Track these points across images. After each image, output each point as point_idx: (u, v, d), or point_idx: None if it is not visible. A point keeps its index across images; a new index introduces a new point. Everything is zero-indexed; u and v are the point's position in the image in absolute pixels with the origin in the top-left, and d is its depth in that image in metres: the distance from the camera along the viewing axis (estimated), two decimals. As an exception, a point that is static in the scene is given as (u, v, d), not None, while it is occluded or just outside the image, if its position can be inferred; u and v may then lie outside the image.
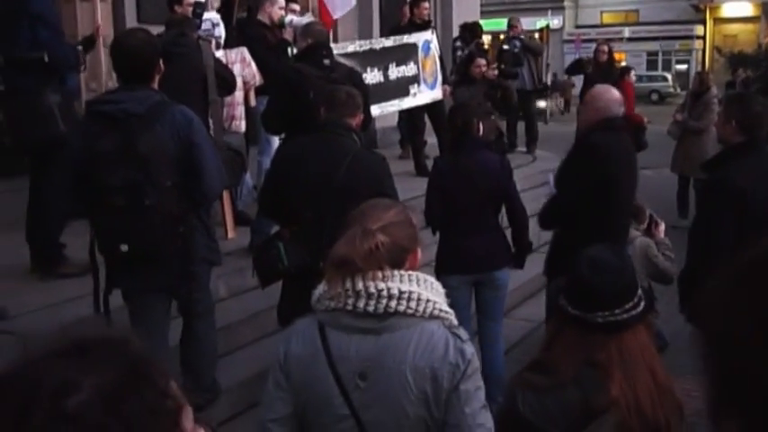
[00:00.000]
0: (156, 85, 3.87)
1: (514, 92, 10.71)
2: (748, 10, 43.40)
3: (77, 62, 5.53)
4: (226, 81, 5.83)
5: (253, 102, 7.12)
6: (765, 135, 3.80)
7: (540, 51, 12.04)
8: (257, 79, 6.93)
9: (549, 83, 20.09)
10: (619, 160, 4.55)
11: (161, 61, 3.90)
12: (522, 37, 11.71)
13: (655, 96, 37.00)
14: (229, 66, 6.31)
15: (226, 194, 6.59)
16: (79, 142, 3.84)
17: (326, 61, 5.03)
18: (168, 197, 3.71)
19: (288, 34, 7.09)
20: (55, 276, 5.25)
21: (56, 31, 5.28)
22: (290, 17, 7.46)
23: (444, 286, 2.24)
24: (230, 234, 6.52)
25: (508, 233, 5.15)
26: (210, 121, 5.54)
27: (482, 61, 9.24)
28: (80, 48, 5.64)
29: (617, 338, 2.33)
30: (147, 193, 3.65)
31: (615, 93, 4.78)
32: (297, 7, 8.19)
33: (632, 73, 12.98)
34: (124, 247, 3.73)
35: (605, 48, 11.38)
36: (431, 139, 9.75)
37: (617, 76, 11.00)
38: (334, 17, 8.76)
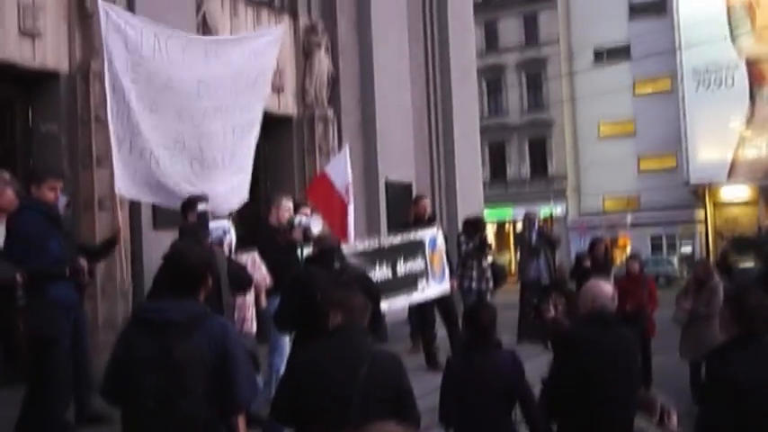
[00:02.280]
0: (201, 299, 4.02)
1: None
2: (746, 193, 44.46)
3: (64, 273, 5.80)
4: (241, 279, 6.00)
5: (264, 303, 7.27)
6: (765, 327, 3.85)
7: (558, 243, 12.31)
8: (268, 281, 7.12)
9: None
10: (593, 354, 4.62)
11: (210, 278, 4.07)
12: (541, 228, 11.99)
13: (662, 281, 37.21)
14: (241, 268, 6.50)
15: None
16: (121, 345, 3.95)
17: (336, 264, 5.22)
18: (199, 404, 3.75)
19: (297, 234, 7.34)
20: None
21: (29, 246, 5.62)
22: (298, 218, 7.75)
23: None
24: (242, 437, 6.45)
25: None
26: None
27: None
28: (83, 261, 5.91)
29: None
30: (178, 398, 3.71)
31: (605, 287, 4.93)
32: (308, 211, 8.53)
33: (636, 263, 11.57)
34: None
35: (602, 247, 11.74)
36: (441, 332, 9.81)
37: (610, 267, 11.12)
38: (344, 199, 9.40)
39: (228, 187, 7.48)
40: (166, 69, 6.74)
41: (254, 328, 6.93)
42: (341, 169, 9.48)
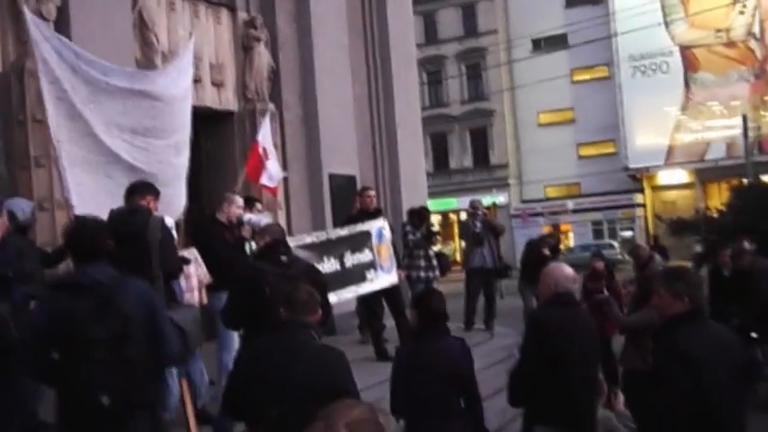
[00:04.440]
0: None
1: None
2: (683, 177, 45.48)
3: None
4: (174, 258, 5.95)
5: (205, 299, 7.20)
6: (704, 304, 3.95)
7: (501, 231, 12.43)
8: (207, 278, 7.08)
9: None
10: (562, 335, 4.70)
11: (110, 240, 4.25)
12: (485, 216, 12.13)
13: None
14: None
15: (186, 393, 6.53)
16: (44, 312, 4.09)
17: (284, 258, 5.21)
18: (143, 352, 3.97)
19: (245, 231, 7.30)
20: None
21: None
22: (248, 216, 7.70)
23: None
24: (193, 435, 6.40)
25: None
26: None
27: None
28: None
29: None
30: (128, 346, 3.90)
31: (566, 269, 5.00)
32: (260, 206, 8.48)
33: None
34: (105, 400, 3.85)
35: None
36: (389, 322, 9.85)
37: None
38: (262, 182, 9.58)
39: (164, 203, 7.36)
40: (89, 85, 6.66)
41: (197, 301, 6.85)
42: (266, 134, 9.68)
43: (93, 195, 6.60)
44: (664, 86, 43.93)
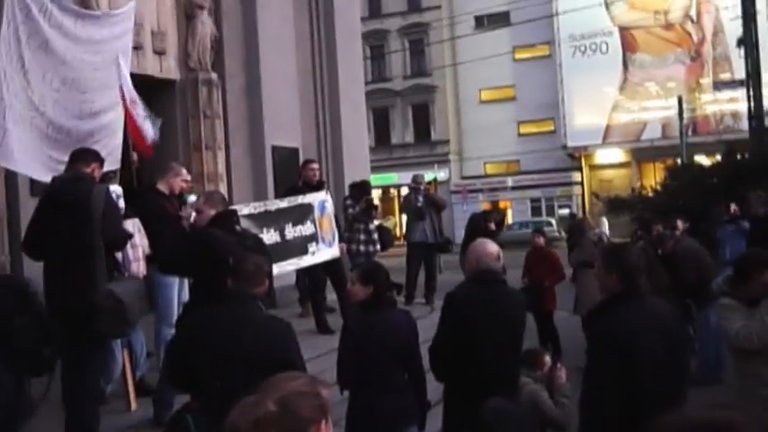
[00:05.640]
0: None
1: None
2: (619, 156, 46.31)
3: None
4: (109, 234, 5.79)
5: (144, 271, 7.07)
6: (644, 283, 4.03)
7: (443, 206, 12.52)
8: (147, 249, 6.97)
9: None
10: (477, 312, 4.80)
11: None
12: (427, 191, 12.21)
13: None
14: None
15: (127, 364, 6.48)
16: None
17: (238, 228, 5.14)
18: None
19: (186, 212, 7.13)
20: None
21: None
22: (192, 197, 7.60)
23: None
24: (133, 405, 6.37)
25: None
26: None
27: None
28: None
29: None
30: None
31: (489, 246, 5.06)
32: (188, 177, 8.25)
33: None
34: None
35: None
36: (330, 295, 9.88)
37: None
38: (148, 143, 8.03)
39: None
40: (46, 32, 6.48)
41: (142, 271, 6.75)
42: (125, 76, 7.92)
43: (27, 153, 6.44)
44: (603, 66, 44.55)
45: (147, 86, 7.88)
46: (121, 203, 6.65)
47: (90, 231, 5.41)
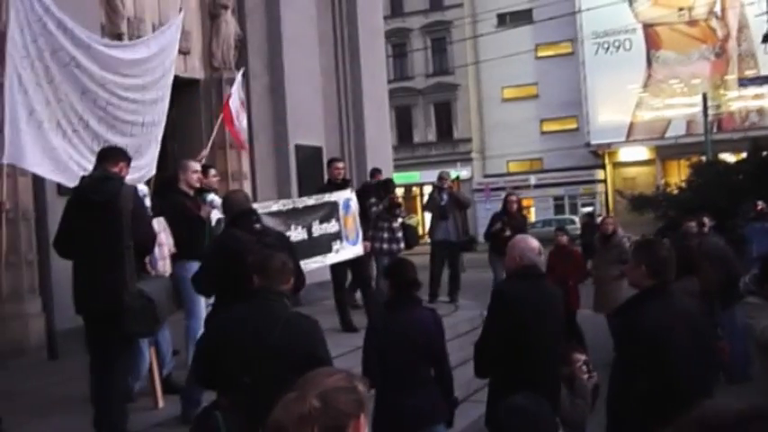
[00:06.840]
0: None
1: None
2: (643, 154, 46.00)
3: None
4: (147, 228, 5.84)
5: (170, 269, 7.11)
6: (673, 278, 4.01)
7: (467, 204, 12.51)
8: (173, 247, 7.02)
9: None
10: (526, 307, 4.76)
11: None
12: (451, 189, 12.19)
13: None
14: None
15: (155, 362, 6.53)
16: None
17: (258, 226, 5.17)
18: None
19: (204, 212, 7.20)
20: None
21: None
22: (211, 196, 7.65)
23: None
24: (160, 403, 6.41)
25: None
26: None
27: None
28: None
29: None
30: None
31: (531, 242, 5.05)
32: (214, 172, 8.37)
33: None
34: None
35: (514, 197, 11.99)
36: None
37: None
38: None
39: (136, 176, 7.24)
40: (71, 51, 6.49)
41: (168, 270, 6.80)
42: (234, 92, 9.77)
43: (53, 158, 6.46)
44: (626, 64, 44.25)
45: (171, 86, 7.93)
46: (147, 202, 6.69)
47: (119, 231, 5.41)
